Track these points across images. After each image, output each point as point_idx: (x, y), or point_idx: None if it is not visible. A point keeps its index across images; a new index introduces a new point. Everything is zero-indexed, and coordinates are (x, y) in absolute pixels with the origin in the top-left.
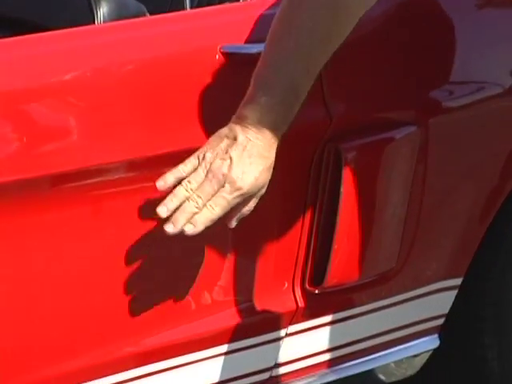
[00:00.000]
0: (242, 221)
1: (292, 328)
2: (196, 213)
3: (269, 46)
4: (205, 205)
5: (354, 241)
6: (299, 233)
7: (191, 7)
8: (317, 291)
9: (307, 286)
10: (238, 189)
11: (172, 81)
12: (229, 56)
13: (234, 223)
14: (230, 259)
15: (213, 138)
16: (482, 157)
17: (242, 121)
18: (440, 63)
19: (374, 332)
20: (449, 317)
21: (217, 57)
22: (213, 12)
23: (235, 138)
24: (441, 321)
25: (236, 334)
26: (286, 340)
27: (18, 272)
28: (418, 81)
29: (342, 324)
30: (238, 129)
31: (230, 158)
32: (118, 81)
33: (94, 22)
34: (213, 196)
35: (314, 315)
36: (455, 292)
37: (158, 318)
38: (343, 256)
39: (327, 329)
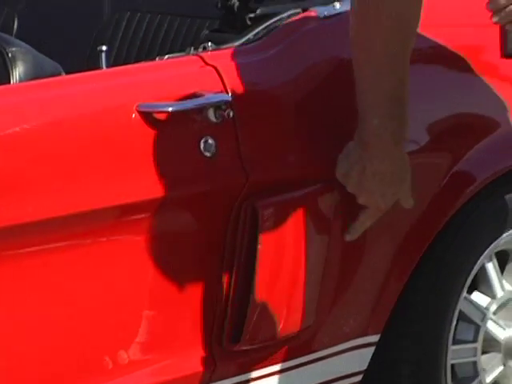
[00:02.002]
0: (159, 278)
1: None
2: None
3: (357, 73)
4: None
5: (271, 298)
6: (217, 290)
7: (107, 66)
8: (235, 349)
9: (225, 344)
10: (383, 209)
11: (88, 139)
12: (145, 114)
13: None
14: (149, 317)
15: (348, 172)
16: (398, 214)
17: (365, 145)
18: (352, 122)
19: None
20: (367, 374)
21: (133, 115)
22: (129, 71)
23: (364, 168)
24: (359, 377)
25: None
26: None
27: None
28: (331, 140)
29: (260, 382)
30: (363, 150)
31: (369, 190)
32: (32, 139)
33: (9, 82)
34: None
35: (232, 373)
36: (373, 349)
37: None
38: (260, 314)
39: None
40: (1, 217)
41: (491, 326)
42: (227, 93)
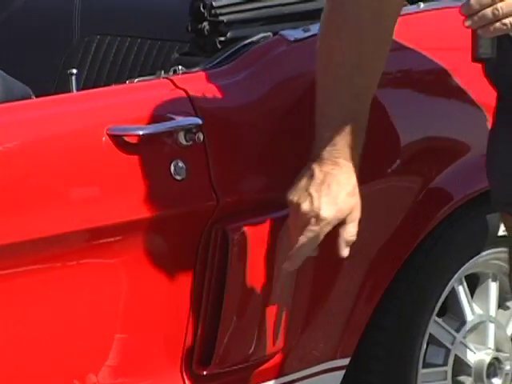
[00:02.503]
0: (129, 302)
1: None
2: None
3: (317, 85)
4: None
5: (240, 322)
6: (187, 314)
7: (77, 89)
8: (205, 373)
9: (195, 368)
10: (323, 219)
11: (58, 163)
12: (115, 137)
13: (344, 252)
14: (119, 341)
15: (296, 182)
16: (368, 237)
17: (316, 157)
18: None
19: None
20: None
21: (103, 139)
22: (99, 94)
23: (312, 175)
24: None
25: None
26: None
27: None
28: (301, 163)
29: None
30: (314, 166)
31: (310, 195)
32: (1, 162)
33: None
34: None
35: None
36: (343, 372)
37: None
38: (230, 337)
39: None
40: None
41: (461, 349)
42: (197, 116)
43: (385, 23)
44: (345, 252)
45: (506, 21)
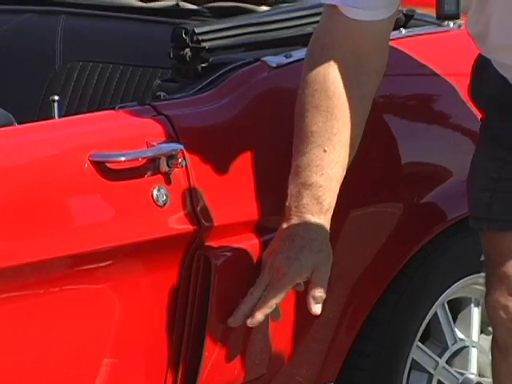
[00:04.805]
0: (113, 327)
1: None
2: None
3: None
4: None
5: (223, 346)
6: (170, 338)
7: (59, 116)
8: None
9: None
10: (283, 274)
11: (40, 189)
12: (97, 164)
13: (314, 309)
14: (102, 366)
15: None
16: (350, 265)
17: (285, 213)
18: None
19: None
20: None
21: (86, 165)
22: (81, 120)
23: (280, 231)
24: None
25: None
26: None
27: None
28: (284, 188)
29: None
30: (282, 221)
31: (275, 251)
32: None
33: None
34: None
35: None
36: None
37: None
38: (213, 363)
39: None
40: None
41: (444, 374)
42: (179, 142)
43: (362, 86)
44: (315, 309)
45: None
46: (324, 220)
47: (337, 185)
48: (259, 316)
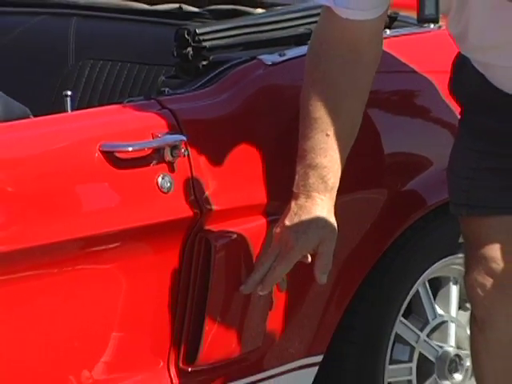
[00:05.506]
0: (122, 304)
1: None
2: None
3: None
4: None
5: (222, 322)
6: (173, 315)
7: (72, 109)
8: (190, 369)
9: (181, 364)
10: (291, 247)
11: (54, 177)
12: (107, 153)
13: (321, 279)
14: (113, 340)
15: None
16: (339, 247)
17: (293, 192)
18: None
19: None
20: None
21: (96, 154)
22: (92, 113)
23: (288, 208)
24: None
25: None
26: None
27: None
28: (278, 177)
29: None
30: (291, 200)
31: (284, 226)
32: (4, 175)
33: None
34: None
35: None
36: (316, 368)
37: None
38: (213, 337)
39: None
40: None
41: (425, 347)
42: (182, 133)
43: (359, 76)
44: (322, 279)
45: None
46: (329, 197)
47: (340, 165)
48: (268, 285)
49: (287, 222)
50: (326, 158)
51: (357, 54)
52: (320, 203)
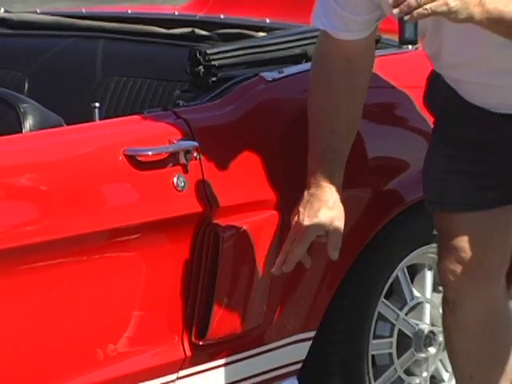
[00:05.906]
0: (142, 287)
1: (182, 372)
2: None
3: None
4: None
5: (228, 303)
6: (187, 297)
7: (100, 119)
8: (201, 343)
9: (193, 339)
10: (306, 229)
11: (84, 177)
12: (130, 157)
13: (333, 255)
14: (133, 318)
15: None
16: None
17: (306, 183)
18: (295, 162)
19: (247, 375)
20: (305, 363)
21: (120, 158)
22: (117, 123)
23: (302, 197)
24: (299, 365)
25: (133, 379)
26: (177, 382)
27: None
28: (276, 176)
29: (222, 369)
30: (305, 190)
31: (298, 212)
32: (41, 176)
33: (21, 131)
34: None
35: (199, 362)
36: (310, 342)
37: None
38: (221, 315)
39: (210, 373)
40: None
41: (404, 324)
42: (195, 140)
43: (355, 80)
44: (334, 255)
45: (427, 6)
46: (336, 188)
47: (344, 159)
48: (290, 264)
49: (301, 209)
50: (333, 154)
51: (352, 64)
52: (328, 191)
